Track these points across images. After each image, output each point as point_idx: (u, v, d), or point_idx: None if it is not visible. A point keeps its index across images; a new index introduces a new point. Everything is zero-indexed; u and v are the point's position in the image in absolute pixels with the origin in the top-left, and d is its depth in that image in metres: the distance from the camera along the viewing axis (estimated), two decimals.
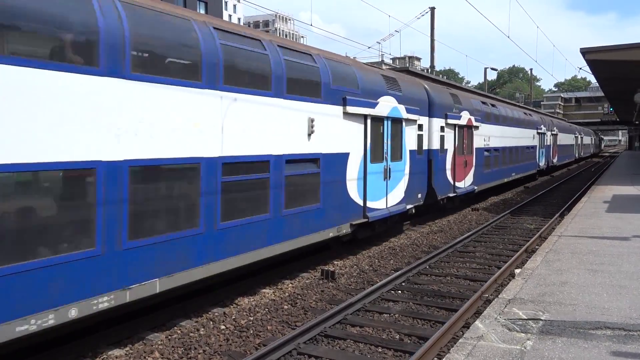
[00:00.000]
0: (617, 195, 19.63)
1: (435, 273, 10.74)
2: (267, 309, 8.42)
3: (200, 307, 8.45)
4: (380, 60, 60.08)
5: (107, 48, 6.14)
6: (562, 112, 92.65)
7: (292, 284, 9.96)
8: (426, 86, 16.30)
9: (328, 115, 10.43)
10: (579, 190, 25.84)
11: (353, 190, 11.39)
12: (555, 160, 39.20)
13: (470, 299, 8.42)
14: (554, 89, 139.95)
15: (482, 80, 73.92)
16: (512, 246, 13.36)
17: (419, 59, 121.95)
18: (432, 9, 34.77)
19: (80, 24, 5.98)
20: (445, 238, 14.58)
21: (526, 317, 6.41)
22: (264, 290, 9.52)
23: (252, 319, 8.00)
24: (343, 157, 11.03)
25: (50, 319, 5.58)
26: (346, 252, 12.41)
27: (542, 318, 6.39)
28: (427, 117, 15.65)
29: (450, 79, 76.73)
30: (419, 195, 14.99)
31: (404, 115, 13.61)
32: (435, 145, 16.21)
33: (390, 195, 13.04)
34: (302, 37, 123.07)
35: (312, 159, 10.09)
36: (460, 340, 5.79)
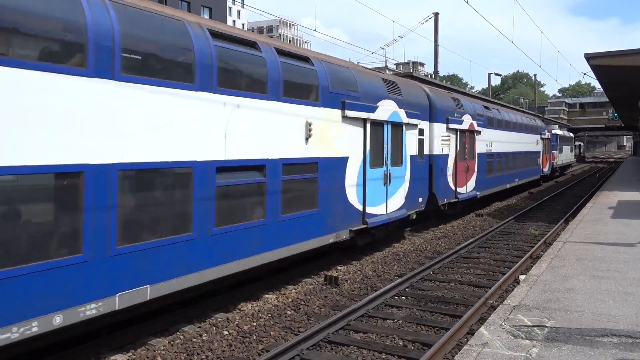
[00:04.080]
0: (622, 201, 19.52)
1: (439, 279, 10.69)
2: (270, 315, 8.38)
3: (203, 312, 8.43)
4: (384, 65, 60.17)
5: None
6: (566, 117, 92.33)
7: (295, 289, 9.93)
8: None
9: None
10: (584, 196, 25.73)
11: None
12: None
13: (475, 305, 8.37)
14: (558, 94, 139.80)
15: (486, 85, 73.81)
16: (516, 252, 13.29)
17: (422, 65, 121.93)
18: (436, 15, 34.81)
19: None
20: (449, 244, 14.52)
21: (531, 324, 6.36)
22: (267, 295, 9.49)
23: (255, 324, 7.97)
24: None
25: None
26: (349, 257, 12.36)
27: (547, 325, 6.33)
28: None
29: (453, 85, 76.80)
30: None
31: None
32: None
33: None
34: (306, 42, 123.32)
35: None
36: (464, 347, 5.73)
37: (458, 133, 17.81)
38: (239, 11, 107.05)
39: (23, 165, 5.36)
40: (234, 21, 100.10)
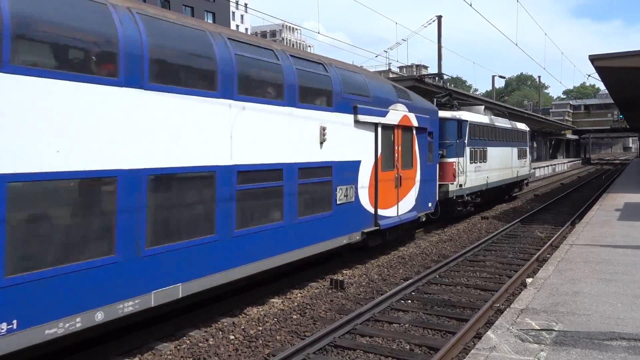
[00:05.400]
0: (629, 203, 19.40)
1: (446, 282, 10.65)
2: (276, 319, 8.37)
3: (209, 317, 8.42)
4: (387, 68, 60.22)
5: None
6: (571, 119, 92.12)
7: (301, 293, 9.91)
8: None
9: None
10: (590, 198, 25.62)
11: None
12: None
13: (482, 308, 8.33)
14: (562, 96, 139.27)
15: (490, 87, 73.63)
16: (523, 255, 13.23)
17: (426, 67, 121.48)
18: (439, 18, 34.82)
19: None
20: (455, 247, 14.47)
21: (539, 328, 6.32)
22: (272, 299, 9.47)
23: (261, 328, 7.96)
24: None
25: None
26: (355, 261, 12.34)
27: (555, 328, 6.29)
28: None
29: (457, 87, 76.64)
30: None
31: None
32: None
33: None
34: (310, 46, 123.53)
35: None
36: (472, 351, 5.70)
37: None
38: (242, 15, 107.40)
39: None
40: (237, 26, 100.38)
